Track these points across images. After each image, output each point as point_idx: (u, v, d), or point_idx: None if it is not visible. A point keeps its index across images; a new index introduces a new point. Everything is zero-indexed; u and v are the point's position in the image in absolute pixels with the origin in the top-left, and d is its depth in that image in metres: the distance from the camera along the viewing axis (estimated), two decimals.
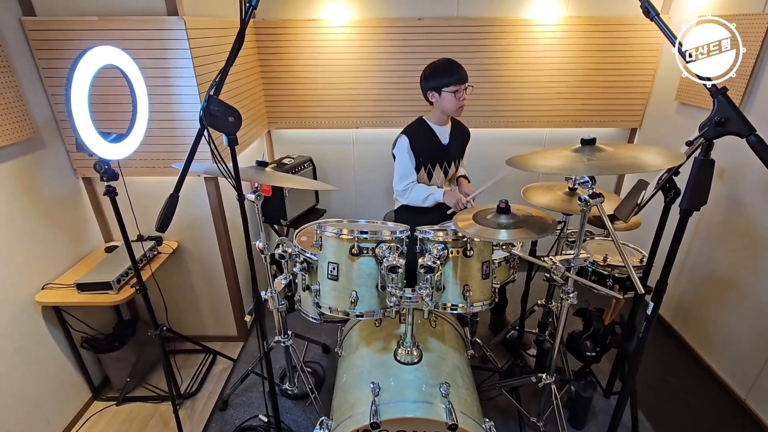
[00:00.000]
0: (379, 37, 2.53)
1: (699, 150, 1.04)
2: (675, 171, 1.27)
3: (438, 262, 1.33)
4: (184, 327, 2.39)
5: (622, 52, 2.56)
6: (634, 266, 1.75)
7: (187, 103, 1.81)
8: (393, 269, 1.31)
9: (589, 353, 1.86)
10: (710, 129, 0.99)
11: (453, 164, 2.14)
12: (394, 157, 2.10)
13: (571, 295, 1.53)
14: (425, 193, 2.03)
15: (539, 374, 1.71)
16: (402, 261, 1.33)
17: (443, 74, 1.92)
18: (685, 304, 2.39)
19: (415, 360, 1.46)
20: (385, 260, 1.34)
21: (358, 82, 2.65)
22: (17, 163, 1.66)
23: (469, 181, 2.25)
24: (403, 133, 2.03)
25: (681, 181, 1.27)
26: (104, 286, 1.74)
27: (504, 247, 1.46)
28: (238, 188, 1.13)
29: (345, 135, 2.86)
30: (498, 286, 1.55)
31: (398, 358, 1.47)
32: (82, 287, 1.74)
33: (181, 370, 2.24)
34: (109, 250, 2.06)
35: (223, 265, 2.23)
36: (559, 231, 1.92)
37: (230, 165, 1.09)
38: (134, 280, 1.72)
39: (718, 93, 0.99)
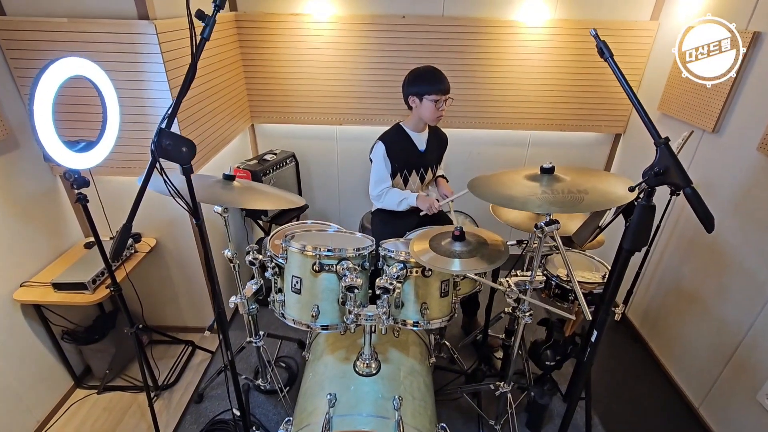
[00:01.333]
0: (362, 34, 2.49)
1: (642, 195, 1.06)
2: (623, 209, 1.29)
3: (395, 283, 1.37)
4: (164, 318, 2.47)
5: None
6: (596, 282, 1.80)
7: (160, 107, 1.81)
8: (350, 289, 1.36)
9: (548, 362, 1.93)
10: (650, 177, 1.01)
11: (429, 170, 2.15)
12: (371, 161, 2.12)
13: (527, 314, 1.57)
14: (399, 197, 2.05)
15: (497, 383, 1.78)
16: (360, 281, 1.38)
17: (426, 82, 1.91)
18: (652, 311, 2.46)
19: (373, 372, 1.52)
20: (344, 279, 1.38)
21: (342, 79, 2.62)
22: None
23: (447, 181, 2.27)
24: (380, 139, 2.04)
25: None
26: (79, 287, 1.79)
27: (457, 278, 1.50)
28: (195, 215, 1.16)
29: (329, 131, 2.86)
30: (458, 300, 1.60)
31: (357, 369, 1.53)
32: (58, 287, 1.79)
33: (160, 361, 2.33)
34: (88, 246, 2.10)
35: (201, 261, 2.28)
36: (524, 246, 1.95)
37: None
38: (110, 280, 1.77)
39: (662, 143, 1.00)
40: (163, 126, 1.01)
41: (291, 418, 1.51)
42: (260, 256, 1.72)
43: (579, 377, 1.73)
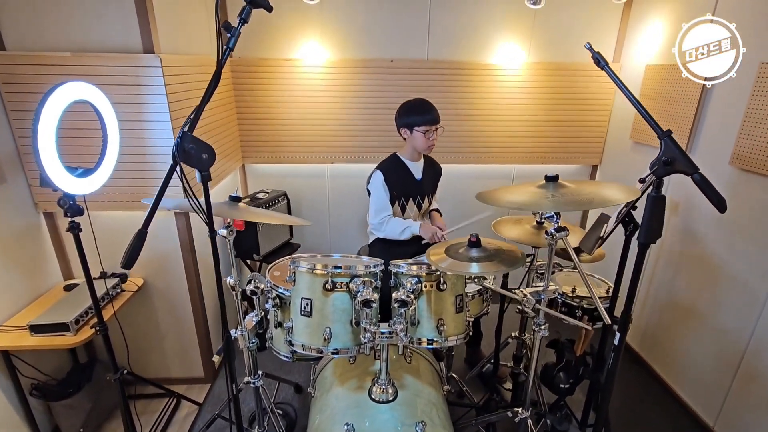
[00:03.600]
0: (352, 77, 2.62)
1: (651, 187, 1.11)
2: (632, 205, 1.34)
3: (412, 296, 1.33)
4: (147, 369, 2.26)
5: (580, 94, 2.75)
6: (600, 297, 1.81)
7: (160, 138, 1.80)
8: (366, 303, 1.31)
9: (562, 385, 1.87)
10: (659, 168, 1.07)
11: (426, 198, 2.19)
12: (369, 192, 2.14)
13: (542, 327, 1.55)
14: (402, 226, 2.06)
15: (515, 409, 1.70)
16: (376, 295, 1.33)
17: (416, 113, 2.00)
18: (650, 331, 2.47)
19: (390, 398, 1.43)
20: (359, 294, 1.34)
21: (333, 119, 2.72)
22: None
23: (441, 215, 2.30)
24: (377, 168, 2.08)
25: (639, 215, 1.35)
26: (61, 328, 1.64)
27: (476, 280, 1.48)
28: (210, 225, 1.12)
29: (320, 170, 2.89)
30: (471, 319, 1.56)
31: (373, 396, 1.43)
32: (36, 329, 1.63)
33: (141, 416, 2.10)
34: (68, 288, 1.96)
35: (192, 303, 2.15)
36: (528, 263, 1.97)
37: (203, 200, 1.09)
38: (95, 320, 1.63)
39: (665, 135, 1.07)
40: (186, 129, 1.00)
41: None
42: (261, 286, 1.65)
43: (601, 393, 1.68)
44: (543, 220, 1.79)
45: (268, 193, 2.73)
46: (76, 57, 1.67)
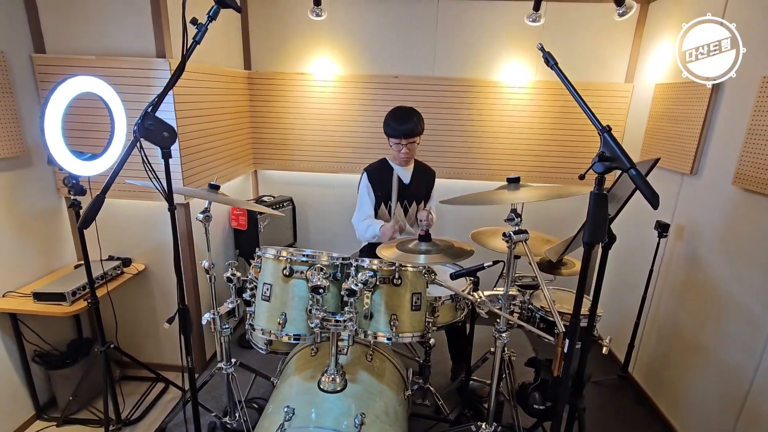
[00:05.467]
0: (359, 91, 2.75)
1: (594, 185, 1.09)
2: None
3: (360, 285, 1.35)
4: (142, 353, 2.38)
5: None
6: (582, 314, 1.72)
7: None
8: (315, 289, 1.34)
9: (537, 406, 1.77)
10: (597, 163, 1.05)
11: (414, 203, 2.21)
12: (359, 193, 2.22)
13: (503, 335, 1.51)
14: (366, 225, 2.12)
15: (478, 423, 1.63)
16: (327, 283, 1.37)
17: (389, 126, 2.06)
18: (656, 365, 2.28)
19: (338, 388, 1.43)
20: (310, 281, 1.38)
21: (340, 131, 2.84)
22: (2, 176, 1.82)
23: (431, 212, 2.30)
24: (364, 169, 2.16)
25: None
26: (59, 297, 1.80)
27: (426, 275, 1.46)
28: (169, 200, 1.23)
29: (326, 178, 3.01)
30: (431, 321, 1.55)
31: (321, 385, 1.44)
32: (38, 296, 1.81)
33: (129, 396, 2.21)
34: (78, 267, 2.15)
35: (186, 291, 2.27)
36: (501, 270, 1.91)
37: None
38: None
39: (604, 131, 1.06)
40: (149, 110, 1.13)
41: None
42: (238, 274, 1.74)
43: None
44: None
45: (274, 197, 2.87)
46: (99, 59, 1.90)
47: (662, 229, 2.15)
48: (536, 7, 2.20)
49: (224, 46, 2.52)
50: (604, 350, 1.66)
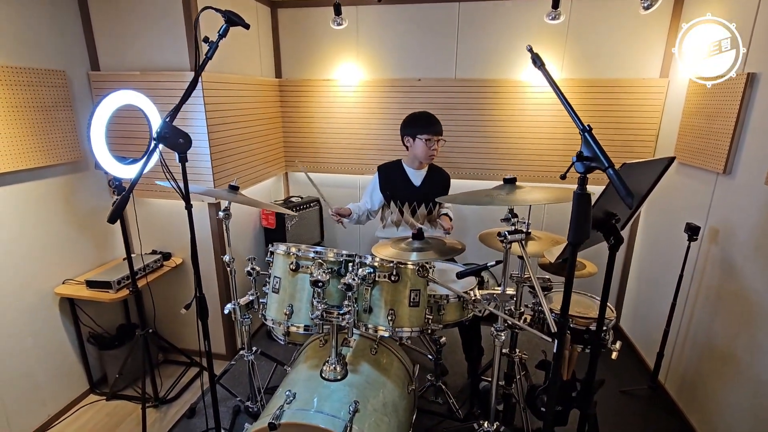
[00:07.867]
0: (383, 95, 2.83)
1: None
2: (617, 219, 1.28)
3: (358, 280, 1.43)
4: (183, 340, 2.62)
5: (620, 112, 2.59)
6: (590, 318, 1.68)
7: (197, 141, 2.17)
8: (315, 283, 1.43)
9: (543, 408, 1.74)
10: (577, 162, 1.05)
11: (423, 206, 2.25)
12: None
13: (501, 334, 1.51)
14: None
15: (480, 421, 1.64)
16: (327, 278, 1.45)
17: (420, 123, 2.13)
18: (689, 378, 2.14)
19: (338, 377, 1.51)
20: (311, 275, 1.47)
21: (365, 134, 2.94)
22: (63, 179, 2.10)
23: (450, 219, 2.33)
24: (378, 168, 2.25)
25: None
26: (106, 285, 2.05)
27: (419, 270, 1.49)
28: (186, 199, 1.37)
29: (352, 180, 3.12)
30: (431, 318, 1.58)
31: (322, 374, 1.53)
32: (90, 284, 2.07)
33: (168, 378, 2.44)
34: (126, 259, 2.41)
35: (218, 285, 2.47)
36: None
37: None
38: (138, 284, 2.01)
39: (585, 130, 1.05)
40: (167, 120, 1.28)
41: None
42: (258, 268, 1.88)
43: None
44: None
45: (302, 198, 3.02)
46: (143, 74, 2.14)
47: (692, 232, 2.02)
48: (555, 5, 2.16)
49: (257, 57, 2.71)
50: (614, 356, 1.62)
